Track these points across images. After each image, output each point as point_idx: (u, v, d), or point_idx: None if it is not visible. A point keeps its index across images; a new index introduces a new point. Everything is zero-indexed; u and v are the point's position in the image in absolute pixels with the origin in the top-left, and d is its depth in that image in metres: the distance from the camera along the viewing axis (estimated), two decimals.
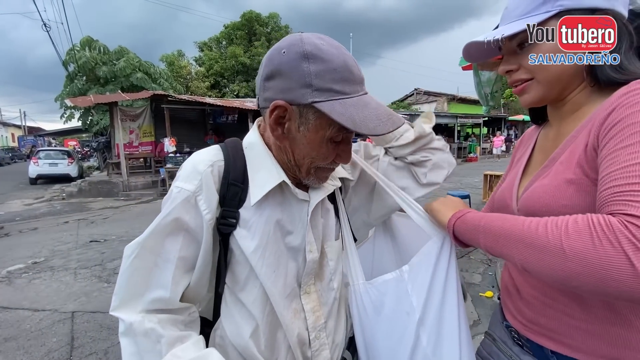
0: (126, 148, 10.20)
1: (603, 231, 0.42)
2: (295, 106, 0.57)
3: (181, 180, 0.61)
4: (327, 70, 0.55)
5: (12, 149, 30.52)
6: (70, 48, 14.09)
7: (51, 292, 3.27)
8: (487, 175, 6.77)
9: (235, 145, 0.68)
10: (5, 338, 2.48)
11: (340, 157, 0.64)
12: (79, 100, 10.66)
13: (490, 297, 2.92)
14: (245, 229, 0.63)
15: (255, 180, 0.64)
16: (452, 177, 11.02)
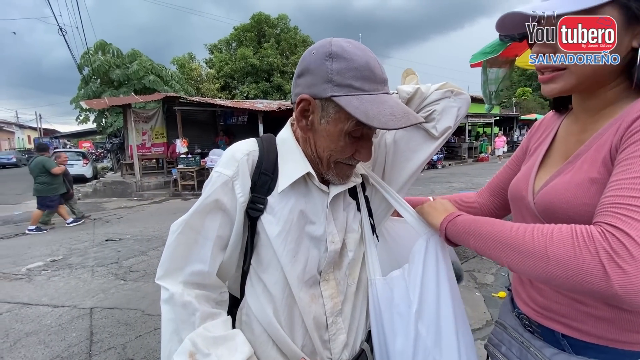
0: (139, 149, 10.41)
1: (584, 241, 0.46)
2: (318, 100, 0.63)
3: (221, 166, 0.68)
4: (348, 68, 0.60)
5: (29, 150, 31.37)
6: (84, 52, 14.46)
7: (70, 289, 3.36)
8: None
9: (269, 140, 0.74)
10: (26, 333, 2.57)
11: (359, 154, 0.67)
12: (94, 103, 10.94)
13: (503, 297, 2.89)
14: (271, 215, 0.68)
15: (284, 171, 0.69)
16: (463, 176, 10.99)
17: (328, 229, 0.72)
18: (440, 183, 9.80)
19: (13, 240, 5.47)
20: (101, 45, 14.73)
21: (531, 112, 23.13)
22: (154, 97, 10.72)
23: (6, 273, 3.83)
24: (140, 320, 2.65)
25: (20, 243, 5.26)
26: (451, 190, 8.25)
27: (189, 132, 11.00)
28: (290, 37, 20.29)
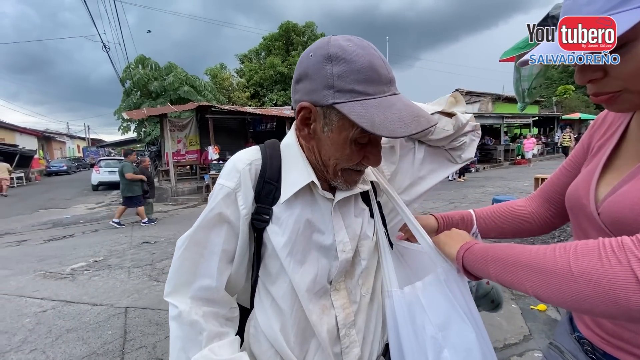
0: (174, 156, 10.94)
1: (613, 251, 0.41)
2: (320, 107, 0.58)
3: (223, 178, 0.66)
4: (349, 71, 0.55)
5: (78, 159, 34.07)
6: (126, 66, 15.51)
7: (108, 289, 3.55)
8: (539, 178, 6.26)
9: (273, 146, 0.71)
10: (67, 329, 2.73)
11: (367, 159, 0.63)
12: (134, 113, 11.65)
13: (543, 310, 2.67)
14: (277, 225, 0.65)
15: (287, 179, 0.66)
16: (498, 180, 10.43)
17: (338, 237, 0.68)
18: (473, 187, 9.36)
19: (62, 242, 5.91)
20: (141, 59, 15.74)
21: (574, 111, 21.60)
22: (188, 107, 11.24)
23: (53, 272, 4.14)
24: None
25: (68, 244, 5.67)
26: (485, 195, 7.85)
27: (220, 139, 11.39)
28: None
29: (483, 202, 6.96)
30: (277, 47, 20.84)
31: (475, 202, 7.19)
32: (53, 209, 9.76)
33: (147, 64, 15.73)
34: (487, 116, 16.22)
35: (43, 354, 2.40)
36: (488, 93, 21.16)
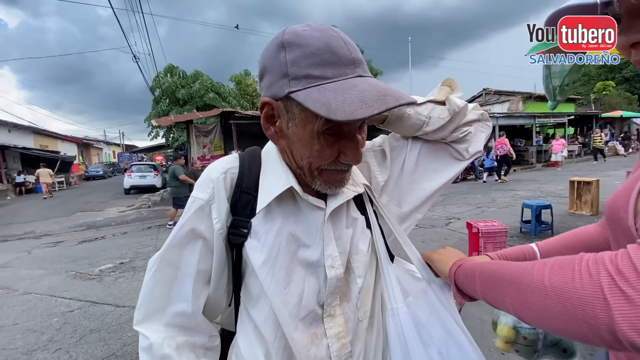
0: (200, 161, 11.28)
1: (587, 265, 0.38)
2: (280, 101, 0.53)
3: (196, 189, 0.61)
4: (303, 55, 0.49)
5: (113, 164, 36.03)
6: (156, 75, 16.23)
7: (131, 290, 3.67)
8: (574, 182, 5.85)
9: (253, 153, 0.66)
10: (91, 330, 2.83)
11: (345, 155, 0.55)
12: (162, 120, 12.16)
13: None
14: (255, 240, 0.59)
15: (264, 187, 0.60)
16: (530, 183, 9.88)
17: (326, 250, 0.60)
18: (502, 191, 8.92)
19: (93, 243, 6.21)
20: (169, 68, 16.42)
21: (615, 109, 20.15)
22: (212, 113, 11.56)
23: (82, 273, 4.34)
24: None
25: (99, 246, 5.95)
26: (515, 199, 7.44)
27: (244, 144, 11.58)
28: None
29: (513, 207, 6.59)
30: None
31: (505, 206, 6.83)
32: (88, 212, 10.32)
33: (175, 73, 16.38)
34: (517, 116, 15.48)
35: (67, 353, 2.49)
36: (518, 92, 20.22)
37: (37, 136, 23.24)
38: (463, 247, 4.12)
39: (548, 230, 4.63)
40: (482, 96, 22.53)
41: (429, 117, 0.67)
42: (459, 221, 5.73)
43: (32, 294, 3.69)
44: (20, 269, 4.73)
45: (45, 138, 24.54)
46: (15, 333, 2.81)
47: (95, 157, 38.15)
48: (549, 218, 4.67)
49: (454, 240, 4.68)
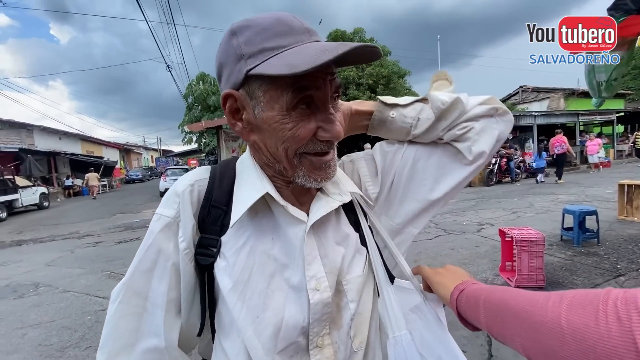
0: None
1: (615, 305, 0.30)
2: (241, 89, 0.49)
3: (160, 206, 0.56)
4: (255, 33, 0.47)
5: (151, 168, 38.13)
6: (189, 83, 16.96)
7: None
8: (624, 185, 5.32)
9: (227, 164, 0.60)
10: None
11: (323, 130, 0.49)
12: (194, 126, 12.67)
13: None
14: (224, 260, 0.53)
15: (238, 198, 0.54)
16: (573, 186, 9.15)
17: (309, 271, 0.52)
18: (542, 195, 8.32)
19: (129, 244, 6.53)
20: (201, 76, 17.10)
21: None
22: None
23: (116, 273, 4.56)
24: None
25: (133, 247, 6.24)
26: (556, 204, 6.90)
27: None
28: None
29: (553, 212, 6.12)
30: None
31: (543, 211, 6.35)
32: (127, 214, 10.93)
33: (206, 80, 17.03)
34: (558, 114, 14.45)
35: (95, 352, 2.59)
36: (559, 88, 18.93)
37: (84, 143, 25.15)
38: (496, 256, 3.86)
39: (593, 239, 4.23)
40: (518, 94, 21.33)
41: (417, 118, 0.60)
42: (492, 227, 5.40)
43: (70, 292, 3.92)
44: (62, 267, 5.06)
45: (91, 144, 26.49)
46: (52, 330, 2.98)
47: (135, 162, 40.56)
48: (595, 225, 4.26)
49: (485, 248, 4.40)
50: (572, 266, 3.56)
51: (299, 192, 0.56)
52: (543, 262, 3.13)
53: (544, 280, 3.12)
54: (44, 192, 14.12)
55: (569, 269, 3.50)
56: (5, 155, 15.67)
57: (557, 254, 3.94)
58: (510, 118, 0.62)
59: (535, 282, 3.11)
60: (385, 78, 19.27)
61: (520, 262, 3.13)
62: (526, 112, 15.40)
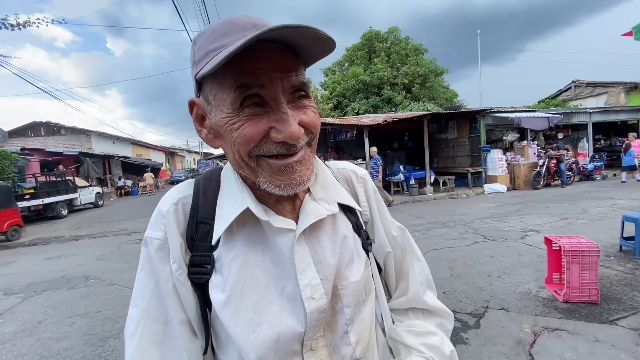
0: None
1: None
2: (200, 95, 0.50)
3: (149, 229, 0.54)
4: (205, 37, 0.47)
5: (193, 170, 40.28)
6: None
7: None
8: None
9: (210, 176, 0.59)
10: None
11: (275, 131, 0.45)
12: None
13: None
14: (220, 276, 0.51)
15: (220, 213, 0.53)
16: (636, 190, 8.21)
17: (302, 279, 0.50)
18: (597, 199, 7.54)
19: None
20: None
21: None
22: None
23: None
24: None
25: None
26: (614, 210, 6.20)
27: None
28: (400, 49, 19.83)
29: (610, 219, 5.51)
30: (359, 57, 20.88)
31: (599, 218, 5.74)
32: None
33: None
34: (618, 110, 13.05)
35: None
36: (618, 82, 17.14)
37: (134, 146, 27.18)
38: (541, 266, 3.55)
39: None
40: (570, 89, 19.64)
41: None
42: (537, 234, 4.98)
43: (115, 285, 4.21)
44: (110, 261, 5.47)
45: (141, 148, 28.58)
46: (97, 320, 3.21)
47: (179, 164, 43.13)
48: None
49: (529, 256, 4.06)
50: (632, 280, 3.16)
51: (285, 197, 0.53)
52: (597, 275, 2.81)
53: (598, 295, 2.79)
54: (99, 191, 15.43)
55: (629, 283, 3.11)
56: (68, 158, 17.35)
57: (614, 267, 3.53)
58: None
59: (588, 297, 2.79)
60: (421, 77, 18.72)
61: (569, 275, 2.83)
62: (579, 108, 14.09)
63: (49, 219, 11.66)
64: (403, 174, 11.00)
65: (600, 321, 2.51)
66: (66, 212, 12.42)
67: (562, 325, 2.50)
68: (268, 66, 0.44)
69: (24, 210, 10.12)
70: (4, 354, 2.71)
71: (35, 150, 17.04)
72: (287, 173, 0.48)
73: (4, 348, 2.80)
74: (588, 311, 2.67)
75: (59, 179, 12.92)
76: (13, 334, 3.03)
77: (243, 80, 0.44)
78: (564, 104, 18.39)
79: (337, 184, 0.61)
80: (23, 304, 3.81)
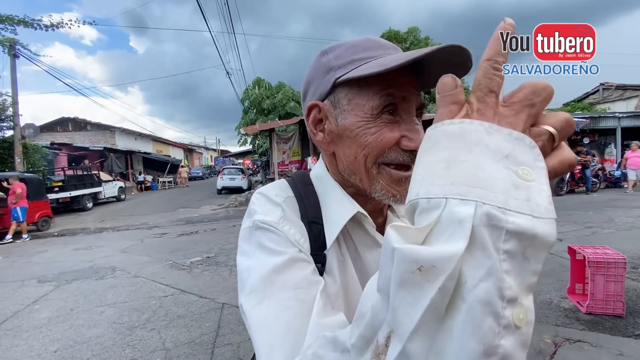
0: (279, 166, 12.05)
1: None
2: (326, 99, 0.52)
3: (259, 215, 0.50)
4: (345, 49, 0.51)
5: (210, 167, 41.13)
6: (245, 88, 17.94)
7: (213, 283, 4.08)
8: None
9: (303, 180, 0.59)
10: (178, 315, 3.23)
11: (408, 139, 0.47)
12: (249, 129, 13.37)
13: None
14: (331, 277, 0.51)
15: (328, 216, 0.53)
16: None
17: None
18: (624, 208, 7.26)
19: (188, 237, 7.11)
20: (257, 81, 17.97)
21: None
22: (292, 121, 12.25)
23: (177, 263, 5.00)
24: None
25: (192, 239, 6.79)
26: None
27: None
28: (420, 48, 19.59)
29: (639, 230, 5.31)
30: None
31: (626, 228, 5.54)
32: (188, 208, 11.91)
33: (262, 85, 17.87)
34: None
35: (158, 334, 2.88)
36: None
37: (155, 143, 27.97)
38: (563, 276, 3.47)
39: None
40: (598, 92, 18.89)
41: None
42: (560, 243, 4.84)
43: (139, 277, 4.40)
44: (134, 254, 5.70)
45: (161, 144, 29.38)
46: (124, 310, 3.38)
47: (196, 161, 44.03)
48: None
49: (551, 265, 3.97)
50: None
51: (374, 212, 0.55)
52: (623, 287, 2.74)
53: (623, 308, 2.73)
54: (122, 186, 16.00)
55: None
56: (93, 153, 18.07)
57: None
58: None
59: (613, 309, 2.73)
60: None
61: (593, 286, 2.77)
62: (607, 112, 13.55)
63: (75, 211, 12.19)
64: None
65: (624, 335, 2.45)
66: (91, 205, 12.95)
67: (585, 337, 2.45)
68: (410, 82, 0.48)
69: (53, 202, 10.62)
70: (41, 338, 2.89)
71: (64, 144, 17.84)
72: (405, 185, 0.49)
73: (40, 332, 2.98)
74: (612, 324, 2.61)
75: (85, 173, 13.50)
76: (48, 320, 3.23)
77: (391, 90, 0.47)
78: (591, 108, 17.71)
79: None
80: (56, 291, 4.04)
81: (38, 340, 2.86)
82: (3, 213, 7.87)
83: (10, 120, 11.82)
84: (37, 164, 12.96)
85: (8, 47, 11.31)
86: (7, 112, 11.80)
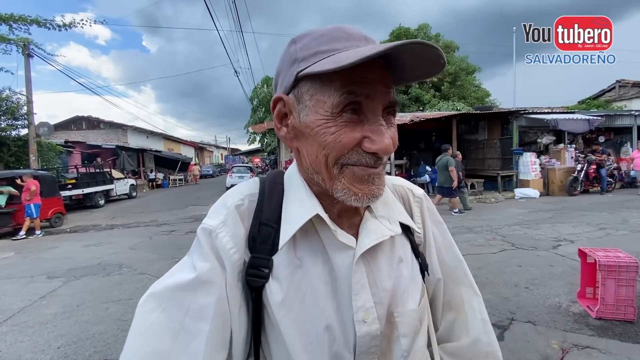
0: (287, 164, 12.04)
1: None
2: (291, 93, 0.49)
3: (207, 217, 0.51)
4: (312, 39, 0.47)
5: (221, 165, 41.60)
6: (254, 87, 18.04)
7: None
8: None
9: (274, 179, 0.57)
10: None
11: (369, 140, 0.44)
12: (257, 127, 13.45)
13: None
14: (278, 283, 0.48)
15: (286, 217, 0.51)
16: None
17: (356, 301, 0.48)
18: (639, 210, 7.03)
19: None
20: (265, 80, 18.06)
21: None
22: None
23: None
24: None
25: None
26: None
27: None
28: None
29: None
30: None
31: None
32: (198, 206, 12.03)
33: (270, 83, 17.94)
34: None
35: None
36: None
37: (166, 141, 28.37)
38: (574, 279, 3.37)
39: None
40: (614, 89, 18.30)
41: None
42: (571, 245, 4.71)
43: (145, 274, 4.45)
44: (142, 251, 5.78)
45: (172, 142, 29.79)
46: (129, 307, 3.42)
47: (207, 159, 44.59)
48: None
49: (561, 268, 3.86)
50: None
51: (346, 211, 0.52)
52: (635, 292, 2.63)
53: (634, 313, 2.62)
54: (133, 183, 16.29)
55: None
56: (106, 151, 18.43)
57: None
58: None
59: (624, 315, 2.63)
60: (451, 75, 18.11)
61: (604, 290, 2.68)
62: (624, 110, 13.09)
63: (88, 207, 12.47)
64: (429, 175, 10.75)
65: (635, 341, 2.36)
66: (103, 202, 13.22)
67: (594, 343, 2.37)
68: (376, 79, 0.44)
69: (66, 199, 10.88)
70: (46, 333, 2.95)
71: (77, 143, 18.25)
72: (368, 183, 0.47)
73: (46, 328, 3.04)
74: (622, 330, 2.51)
75: (97, 171, 13.79)
76: (54, 316, 3.29)
77: (352, 87, 0.43)
78: (606, 105, 17.16)
79: (397, 202, 0.59)
80: (64, 287, 4.13)
81: (42, 336, 2.91)
82: (17, 210, 8.09)
83: (25, 118, 12.13)
84: (51, 162, 13.28)
85: (22, 47, 11.58)
86: (21, 111, 12.10)
